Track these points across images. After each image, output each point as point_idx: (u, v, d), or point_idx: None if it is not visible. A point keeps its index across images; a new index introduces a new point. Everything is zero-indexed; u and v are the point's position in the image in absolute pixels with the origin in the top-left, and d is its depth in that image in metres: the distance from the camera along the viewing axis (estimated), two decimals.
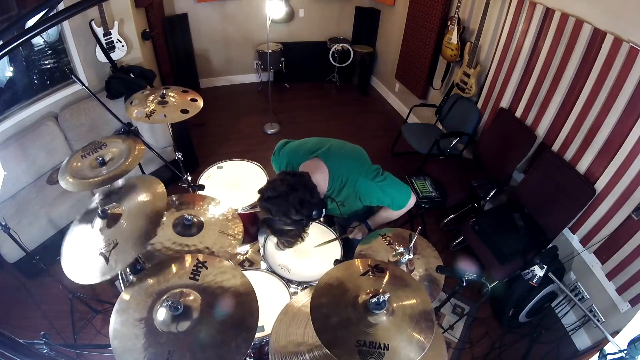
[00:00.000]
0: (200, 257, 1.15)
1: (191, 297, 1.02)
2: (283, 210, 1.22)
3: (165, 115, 1.88)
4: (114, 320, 0.97)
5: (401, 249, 1.40)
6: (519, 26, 2.52)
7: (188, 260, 1.14)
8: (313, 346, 1.04)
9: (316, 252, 1.65)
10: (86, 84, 1.65)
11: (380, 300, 0.94)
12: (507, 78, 2.68)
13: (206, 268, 1.11)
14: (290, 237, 1.31)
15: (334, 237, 1.69)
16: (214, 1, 4.32)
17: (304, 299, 1.20)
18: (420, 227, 1.45)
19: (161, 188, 1.28)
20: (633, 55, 1.81)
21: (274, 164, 1.64)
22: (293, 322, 1.12)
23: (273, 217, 1.23)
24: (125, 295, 1.04)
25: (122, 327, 0.96)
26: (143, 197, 1.26)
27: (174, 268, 1.12)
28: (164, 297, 1.01)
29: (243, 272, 1.14)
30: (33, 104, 2.65)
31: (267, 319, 1.20)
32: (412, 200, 1.53)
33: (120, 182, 1.39)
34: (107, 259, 1.07)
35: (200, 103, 2.01)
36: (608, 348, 1.18)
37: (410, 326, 0.94)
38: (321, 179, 1.38)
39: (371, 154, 1.56)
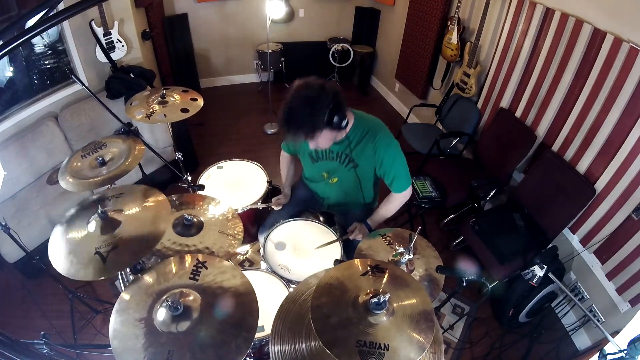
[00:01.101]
0: (200, 257, 1.15)
1: (191, 297, 1.02)
2: (315, 94, 1.30)
3: (165, 115, 1.88)
4: (114, 320, 0.97)
5: (401, 249, 1.40)
6: (519, 26, 2.52)
7: (188, 260, 1.14)
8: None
9: (316, 252, 1.65)
10: (86, 84, 1.65)
11: (381, 301, 0.94)
12: (507, 78, 2.68)
13: (206, 268, 1.11)
14: (306, 130, 1.33)
15: (335, 238, 1.69)
16: (214, 1, 4.32)
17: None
18: (420, 227, 1.45)
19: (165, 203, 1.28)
20: (633, 55, 1.81)
21: None
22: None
23: (303, 100, 1.30)
24: (125, 295, 1.04)
25: (122, 327, 0.96)
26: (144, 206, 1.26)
27: (174, 268, 1.12)
28: (164, 297, 1.01)
29: (243, 272, 1.14)
30: (33, 104, 2.65)
31: (267, 319, 1.20)
32: (409, 190, 1.67)
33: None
34: (104, 260, 1.07)
35: (200, 102, 2.01)
36: (608, 348, 1.18)
37: (410, 326, 0.94)
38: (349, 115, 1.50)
39: None
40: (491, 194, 2.50)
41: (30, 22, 0.62)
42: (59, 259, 1.09)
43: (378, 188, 1.90)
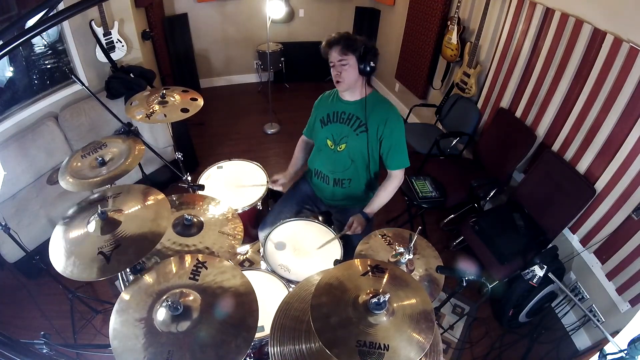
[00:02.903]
0: (200, 257, 1.15)
1: (191, 297, 1.02)
2: (367, 39, 1.64)
3: (165, 115, 1.88)
4: (114, 320, 0.97)
5: (401, 249, 1.40)
6: (519, 26, 2.52)
7: (188, 260, 1.14)
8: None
9: (316, 252, 1.65)
10: (86, 84, 1.65)
11: (381, 301, 0.94)
12: (507, 78, 2.68)
13: (206, 268, 1.11)
14: (347, 42, 1.61)
15: (334, 235, 1.69)
16: (214, 1, 4.32)
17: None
18: (420, 227, 1.45)
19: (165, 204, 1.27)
20: (633, 55, 1.81)
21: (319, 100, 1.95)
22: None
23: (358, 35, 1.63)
24: (125, 295, 1.04)
25: (122, 327, 0.96)
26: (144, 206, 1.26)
27: (174, 268, 1.12)
28: (164, 297, 1.01)
29: (243, 272, 1.14)
30: (33, 104, 2.65)
31: (267, 319, 1.20)
32: (403, 172, 1.78)
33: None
34: (108, 259, 1.07)
35: (200, 102, 2.02)
36: (608, 348, 1.18)
37: (410, 326, 0.94)
38: (366, 85, 1.73)
39: None
40: (491, 194, 2.50)
41: (30, 22, 0.62)
42: (61, 260, 1.09)
43: (379, 174, 1.91)
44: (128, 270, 1.13)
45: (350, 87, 1.69)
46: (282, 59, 4.59)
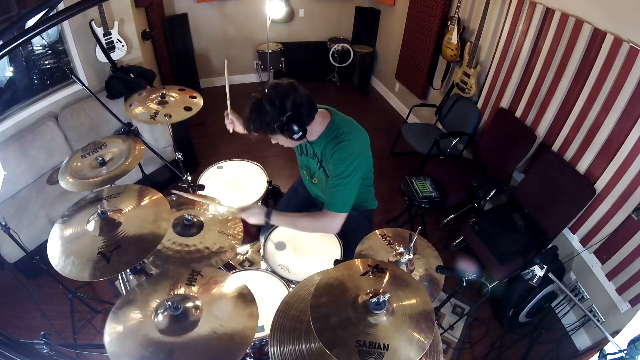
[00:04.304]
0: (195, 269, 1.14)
1: (191, 299, 1.03)
2: (270, 102, 1.35)
3: (167, 116, 1.89)
4: (111, 324, 0.97)
5: (401, 249, 1.40)
6: (519, 26, 2.52)
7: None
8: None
9: (316, 252, 1.65)
10: (86, 84, 1.65)
11: (381, 301, 0.94)
12: (507, 78, 2.68)
13: (202, 276, 1.11)
14: (258, 129, 1.37)
15: (338, 241, 1.67)
16: (214, 1, 4.32)
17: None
18: (420, 227, 1.45)
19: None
20: (633, 55, 1.81)
21: None
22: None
23: (260, 104, 1.35)
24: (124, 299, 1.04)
25: (120, 330, 0.96)
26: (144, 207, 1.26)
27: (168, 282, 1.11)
28: (164, 299, 1.01)
29: (243, 272, 1.14)
30: (33, 104, 2.65)
31: (267, 319, 1.20)
32: (338, 220, 1.50)
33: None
34: (108, 260, 1.07)
35: (200, 101, 2.02)
36: (608, 348, 1.18)
37: (410, 326, 0.94)
38: (319, 122, 1.50)
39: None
40: (491, 194, 2.50)
41: (30, 22, 0.62)
42: (59, 260, 1.09)
43: (367, 190, 1.77)
44: (128, 270, 1.13)
45: (296, 145, 1.58)
46: (282, 58, 4.59)
